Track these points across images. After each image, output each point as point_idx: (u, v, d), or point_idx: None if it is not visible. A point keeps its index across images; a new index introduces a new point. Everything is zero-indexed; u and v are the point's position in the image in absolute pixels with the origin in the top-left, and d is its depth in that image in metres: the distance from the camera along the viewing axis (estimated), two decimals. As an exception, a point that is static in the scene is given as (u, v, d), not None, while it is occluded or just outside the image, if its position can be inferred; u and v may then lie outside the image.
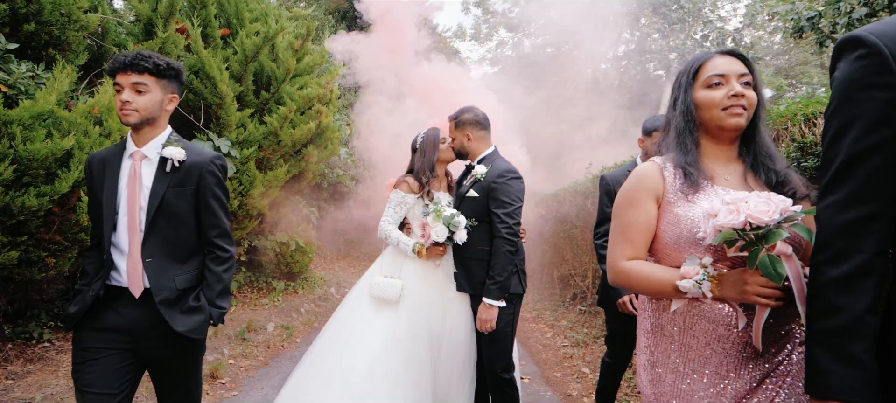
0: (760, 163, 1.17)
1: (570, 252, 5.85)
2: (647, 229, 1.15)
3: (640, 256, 1.16)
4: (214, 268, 1.58)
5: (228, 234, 1.62)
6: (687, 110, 1.17)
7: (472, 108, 2.26)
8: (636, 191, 1.17)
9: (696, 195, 1.10)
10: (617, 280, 1.18)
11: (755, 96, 1.13)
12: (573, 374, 3.61)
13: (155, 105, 1.50)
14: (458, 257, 2.20)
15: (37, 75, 2.72)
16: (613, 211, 1.21)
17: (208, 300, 1.57)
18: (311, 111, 4.92)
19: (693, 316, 1.09)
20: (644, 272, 1.13)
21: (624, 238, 1.17)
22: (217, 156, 1.61)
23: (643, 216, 1.15)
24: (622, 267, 1.16)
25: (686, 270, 1.06)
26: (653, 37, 15.13)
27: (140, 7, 3.54)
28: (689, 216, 1.08)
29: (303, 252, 5.55)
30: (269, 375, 3.47)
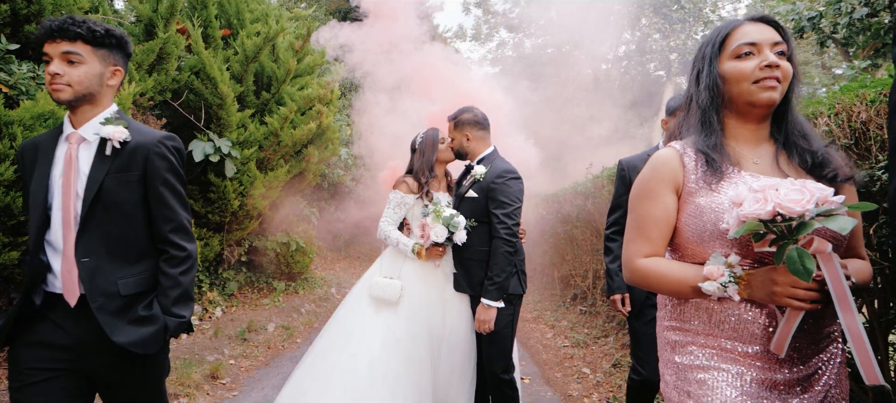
0: (793, 143, 1.03)
1: (570, 252, 5.85)
2: (665, 223, 1.03)
3: (658, 253, 1.05)
4: (169, 271, 1.33)
5: (185, 229, 1.37)
6: (712, 85, 1.02)
7: (471, 108, 2.26)
8: (653, 182, 1.05)
9: (720, 183, 0.97)
10: (633, 279, 1.07)
11: (790, 68, 0.99)
12: (574, 374, 3.60)
13: (92, 79, 1.27)
14: (458, 257, 2.20)
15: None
16: (629, 203, 1.10)
17: (163, 308, 1.32)
18: (312, 111, 4.92)
19: (720, 311, 0.98)
20: (662, 271, 1.02)
21: (640, 233, 1.05)
22: (168, 136, 1.36)
23: (661, 209, 1.03)
24: (638, 266, 1.05)
25: (710, 270, 0.94)
26: (653, 37, 15.12)
27: (141, 8, 3.55)
28: (713, 207, 0.96)
29: (303, 252, 5.55)
30: (270, 375, 3.48)
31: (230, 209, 4.27)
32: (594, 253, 5.07)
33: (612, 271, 2.09)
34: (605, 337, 4.21)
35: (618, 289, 2.08)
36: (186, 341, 3.71)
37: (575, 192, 5.55)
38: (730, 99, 1.03)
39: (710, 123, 1.03)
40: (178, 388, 2.94)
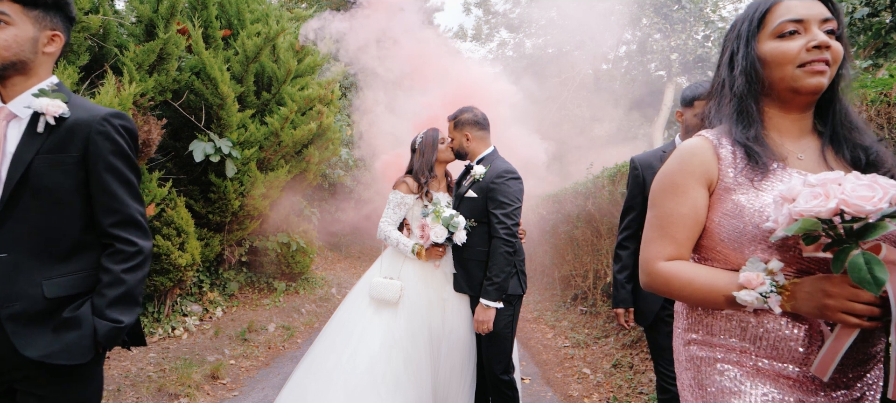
0: (842, 136, 0.91)
1: (571, 252, 5.84)
2: (693, 222, 0.91)
3: (683, 256, 0.92)
4: (111, 266, 1.12)
5: (136, 223, 1.16)
6: (750, 68, 0.90)
7: (470, 108, 2.26)
8: (681, 175, 0.92)
9: (764, 180, 0.85)
10: (652, 284, 0.94)
11: (841, 49, 0.86)
12: (574, 375, 3.60)
13: (23, 44, 1.08)
14: (458, 258, 2.19)
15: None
16: (650, 200, 0.98)
17: (96, 309, 1.11)
18: (312, 112, 4.92)
19: (757, 325, 0.86)
20: (688, 276, 0.89)
21: (663, 233, 0.93)
22: (116, 114, 1.15)
23: (689, 206, 0.90)
24: (660, 270, 0.92)
25: (747, 278, 0.81)
26: (654, 37, 15.11)
27: (141, 8, 3.55)
28: (756, 206, 0.84)
29: (304, 252, 5.56)
30: (270, 375, 3.48)
31: (230, 209, 4.28)
32: (595, 253, 5.06)
33: (619, 281, 1.96)
34: (605, 338, 4.21)
35: (622, 302, 1.96)
36: (187, 341, 3.72)
37: (575, 192, 5.54)
38: (770, 84, 0.90)
39: (749, 113, 0.90)
40: (179, 388, 2.94)
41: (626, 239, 1.97)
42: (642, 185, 1.88)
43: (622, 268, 1.96)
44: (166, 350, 3.47)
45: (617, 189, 4.14)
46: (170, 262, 3.64)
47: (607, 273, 4.73)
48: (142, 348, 3.41)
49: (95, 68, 3.40)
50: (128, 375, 3.01)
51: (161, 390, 2.89)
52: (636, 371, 3.39)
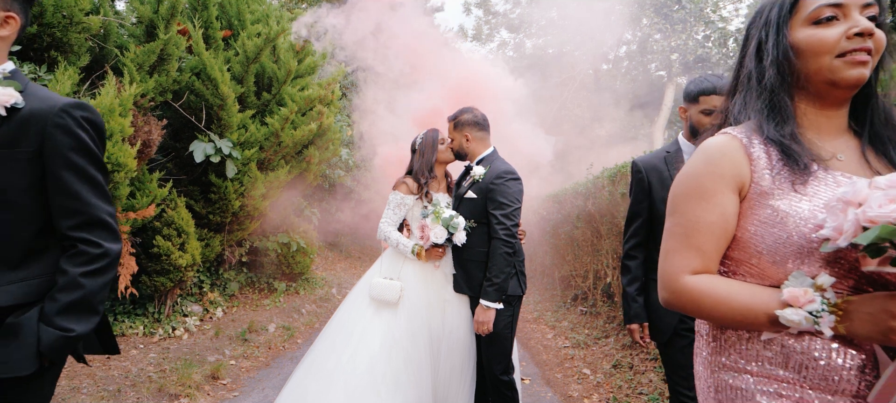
0: (884, 136, 0.83)
1: (571, 253, 5.84)
2: (722, 231, 0.81)
3: (711, 269, 0.83)
4: (69, 268, 1.00)
5: (102, 224, 1.03)
6: (782, 58, 0.81)
7: (470, 109, 2.26)
8: (708, 177, 0.82)
9: (807, 184, 0.76)
10: (677, 301, 0.83)
11: (884, 37, 0.78)
12: (574, 375, 3.60)
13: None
14: (458, 259, 2.20)
15: (39, 77, 2.73)
16: (670, 205, 0.88)
17: (45, 316, 0.98)
18: (313, 112, 4.92)
19: (803, 351, 0.75)
20: (722, 293, 0.78)
21: (687, 243, 0.83)
22: (77, 104, 1.02)
23: (717, 213, 0.81)
24: (687, 286, 0.81)
25: (793, 294, 0.72)
26: (654, 37, 15.10)
27: (142, 9, 3.56)
28: (802, 213, 0.75)
29: (304, 252, 5.56)
30: (270, 375, 3.48)
31: (231, 209, 4.28)
32: (594, 253, 5.06)
33: (630, 294, 1.80)
34: (605, 338, 4.21)
35: (636, 317, 1.79)
36: (187, 341, 3.72)
37: (575, 193, 5.54)
38: (805, 77, 0.81)
39: (782, 107, 0.81)
40: (179, 389, 2.94)
41: (633, 248, 1.83)
42: (647, 190, 1.78)
43: (632, 280, 1.81)
44: (166, 351, 3.48)
45: (617, 189, 4.14)
46: (170, 262, 3.65)
47: (607, 273, 4.73)
48: (142, 348, 3.42)
49: (96, 69, 3.41)
50: (128, 375, 3.01)
51: (161, 390, 2.90)
52: (636, 372, 3.39)
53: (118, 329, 3.54)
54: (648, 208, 1.78)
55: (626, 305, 1.82)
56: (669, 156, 1.77)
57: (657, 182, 1.76)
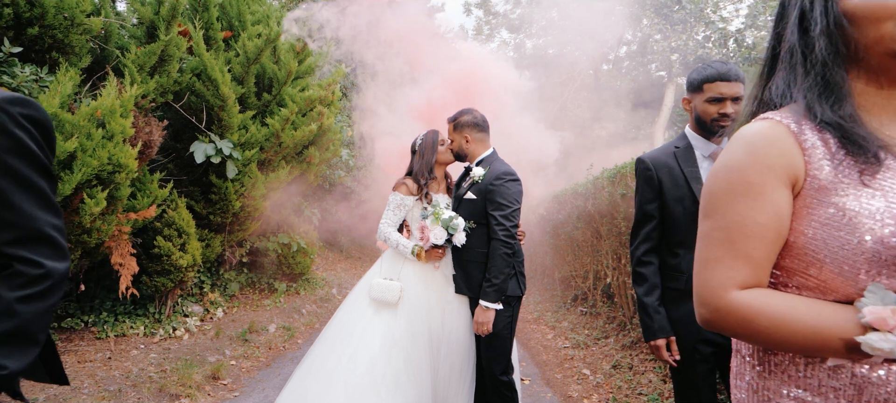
0: None
1: (570, 253, 5.85)
2: (776, 235, 0.68)
3: (761, 281, 0.69)
4: (2, 292, 0.84)
5: (46, 239, 0.88)
6: (834, 27, 0.68)
7: (470, 111, 2.27)
8: (755, 171, 0.68)
9: (876, 176, 0.64)
10: (722, 321, 0.69)
11: None
12: (574, 376, 3.61)
13: None
14: (457, 259, 2.21)
15: (40, 78, 2.74)
16: (708, 205, 0.74)
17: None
18: (313, 113, 4.93)
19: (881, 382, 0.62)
20: (781, 313, 0.65)
21: (733, 250, 0.69)
22: (14, 99, 0.86)
23: (769, 212, 0.67)
24: (734, 303, 0.67)
25: (878, 316, 0.59)
26: (654, 38, 15.11)
27: (142, 10, 3.57)
28: (875, 211, 0.62)
29: (304, 253, 5.57)
30: (271, 376, 3.49)
31: (231, 210, 4.29)
32: (594, 254, 5.07)
33: (650, 306, 1.58)
34: (605, 339, 4.21)
35: (661, 331, 1.56)
36: (188, 341, 3.73)
37: (575, 193, 5.55)
38: (862, 48, 0.68)
39: (838, 85, 0.69)
40: (180, 389, 2.95)
41: (647, 254, 1.64)
42: (658, 189, 1.62)
43: (650, 289, 1.60)
44: (167, 351, 3.48)
45: (616, 190, 4.15)
46: (171, 263, 3.66)
47: (607, 274, 4.74)
48: (143, 349, 3.42)
49: (97, 70, 3.42)
50: (129, 375, 3.02)
51: (162, 390, 2.91)
52: (636, 372, 3.40)
53: (119, 329, 3.55)
54: (660, 209, 1.63)
55: (647, 318, 1.58)
56: (680, 152, 1.63)
57: (669, 180, 1.61)
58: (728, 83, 1.56)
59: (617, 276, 4.48)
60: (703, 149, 1.62)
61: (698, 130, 1.64)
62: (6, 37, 2.71)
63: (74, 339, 3.33)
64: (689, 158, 1.61)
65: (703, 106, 1.59)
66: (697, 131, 1.65)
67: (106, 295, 3.73)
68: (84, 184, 2.68)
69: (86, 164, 2.61)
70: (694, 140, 1.65)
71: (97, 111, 2.76)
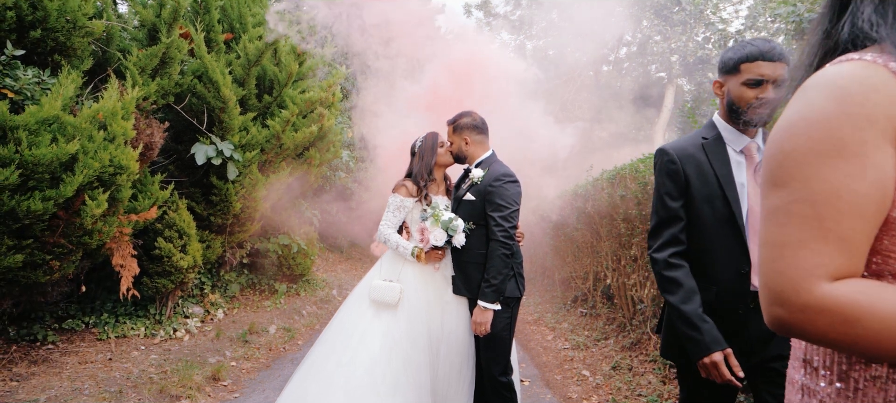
0: None
1: (570, 255, 5.86)
2: (878, 208, 0.53)
3: (857, 269, 0.54)
4: None
5: None
6: None
7: (469, 113, 2.29)
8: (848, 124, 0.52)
9: None
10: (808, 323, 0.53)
11: None
12: (573, 377, 3.61)
13: None
14: (456, 261, 2.22)
15: (43, 81, 2.76)
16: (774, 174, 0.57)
17: None
18: (313, 114, 4.95)
19: None
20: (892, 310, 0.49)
21: (821, 230, 0.53)
22: None
23: (870, 179, 0.52)
24: (828, 299, 0.52)
25: None
26: (654, 39, 15.13)
27: (144, 12, 3.59)
28: None
29: (304, 254, 5.58)
30: (271, 377, 3.50)
31: (232, 211, 4.31)
32: (594, 255, 5.07)
33: (692, 315, 1.31)
34: (605, 340, 4.22)
35: (715, 343, 1.28)
36: (188, 342, 3.74)
37: (575, 194, 5.55)
38: None
39: None
40: (180, 390, 2.96)
41: (675, 257, 1.41)
42: (684, 185, 1.41)
43: (688, 295, 1.34)
44: (168, 352, 3.50)
45: (616, 191, 4.16)
46: (171, 264, 3.67)
47: (607, 275, 4.74)
48: (143, 350, 3.44)
49: (99, 72, 3.44)
50: (129, 376, 3.03)
51: (162, 391, 2.92)
52: (635, 374, 3.40)
53: (120, 330, 3.56)
54: (686, 207, 1.42)
55: (691, 330, 1.31)
56: (709, 144, 1.42)
57: (696, 175, 1.41)
58: (771, 63, 1.29)
59: (617, 278, 4.48)
60: (734, 142, 1.41)
61: (730, 119, 1.41)
62: (9, 39, 2.73)
63: (75, 340, 3.34)
64: (719, 152, 1.41)
65: (739, 90, 1.35)
66: (729, 120, 1.42)
67: (107, 296, 3.74)
68: (85, 186, 2.70)
69: (87, 166, 2.62)
70: (725, 130, 1.43)
71: (99, 113, 2.77)
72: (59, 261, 2.81)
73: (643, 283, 4.00)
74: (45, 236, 2.67)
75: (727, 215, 1.37)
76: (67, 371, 2.94)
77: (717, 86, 1.45)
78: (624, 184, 4.03)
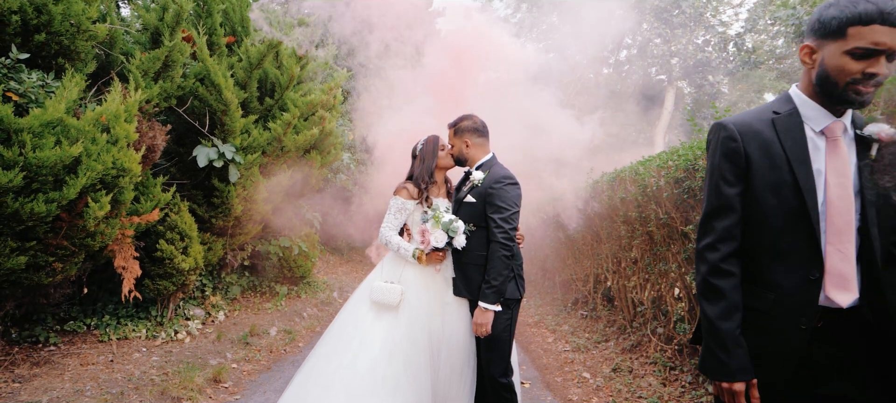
0: None
1: (571, 257, 5.86)
2: None
3: None
4: None
5: None
6: None
7: (470, 116, 2.31)
8: None
9: None
10: None
11: None
12: (574, 379, 3.61)
13: None
14: (457, 262, 2.23)
15: (47, 84, 2.78)
16: None
17: None
18: (314, 117, 4.97)
19: None
20: None
21: None
22: None
23: None
24: None
25: None
26: (654, 42, 15.17)
27: (147, 16, 3.62)
28: None
29: (305, 256, 5.59)
30: (272, 379, 3.50)
31: (233, 214, 4.32)
32: (594, 257, 5.08)
33: (728, 335, 1.14)
34: (605, 342, 4.22)
35: (741, 372, 1.13)
36: (189, 344, 3.75)
37: (576, 197, 5.56)
38: None
39: None
40: (181, 392, 2.97)
41: (726, 260, 1.17)
42: (744, 168, 1.16)
43: (729, 311, 1.15)
44: (169, 354, 3.50)
45: (616, 193, 4.17)
46: (173, 266, 3.68)
47: (607, 277, 4.74)
48: (145, 351, 3.44)
49: (102, 75, 3.46)
50: (131, 378, 3.04)
51: (164, 393, 2.92)
52: (636, 376, 3.41)
53: (121, 332, 3.57)
54: (745, 194, 1.18)
55: (721, 351, 1.14)
56: (781, 120, 1.16)
57: (762, 157, 1.15)
58: (891, 29, 1.02)
59: (617, 280, 4.49)
60: (815, 121, 1.15)
61: (817, 94, 1.15)
62: (14, 43, 2.75)
63: (77, 342, 3.35)
64: (793, 131, 1.15)
65: (840, 60, 1.07)
66: (815, 95, 1.15)
67: (108, 298, 3.76)
68: (88, 188, 2.71)
69: (90, 169, 2.64)
70: (805, 106, 1.17)
71: (102, 116, 2.79)
72: (61, 263, 2.83)
73: (643, 286, 4.01)
74: (48, 238, 2.69)
75: (797, 207, 1.12)
76: (69, 373, 2.95)
77: (805, 51, 1.14)
78: (624, 187, 4.04)
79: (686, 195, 2.99)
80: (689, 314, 3.31)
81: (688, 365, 3.20)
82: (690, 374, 3.11)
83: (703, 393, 2.86)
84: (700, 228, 1.25)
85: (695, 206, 2.97)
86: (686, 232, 3.08)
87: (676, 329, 3.39)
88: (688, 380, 3.06)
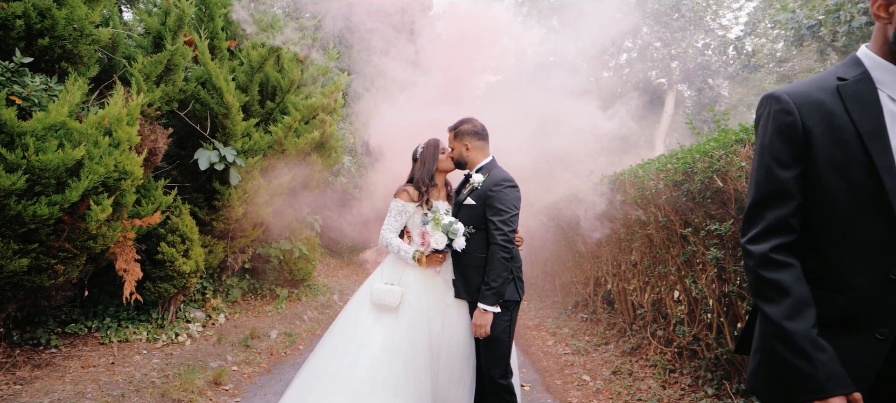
0: None
1: (571, 260, 5.87)
2: None
3: None
4: None
5: None
6: None
7: (470, 119, 2.33)
8: None
9: None
10: None
11: None
12: (574, 382, 3.61)
13: None
14: (457, 264, 2.25)
15: (50, 88, 2.81)
16: None
17: None
18: (315, 120, 4.99)
19: None
20: None
21: None
22: None
23: None
24: None
25: None
26: (654, 45, 15.21)
27: (149, 20, 3.65)
28: None
29: (306, 259, 5.60)
30: (272, 381, 3.51)
31: (234, 217, 4.34)
32: (594, 260, 5.08)
33: (804, 337, 0.92)
34: (605, 345, 4.22)
35: (833, 383, 0.89)
36: (190, 347, 3.76)
37: (575, 199, 5.58)
38: None
39: None
40: (181, 394, 2.98)
41: (780, 251, 0.98)
42: (804, 144, 0.97)
43: (797, 307, 0.94)
44: (170, 356, 3.51)
45: (616, 196, 4.18)
46: (174, 269, 3.69)
47: (607, 280, 4.75)
48: (146, 354, 3.45)
49: (104, 79, 3.49)
50: (132, 380, 3.04)
51: (164, 395, 2.93)
52: (635, 378, 3.41)
53: (122, 334, 3.58)
54: (803, 177, 0.98)
55: (800, 359, 0.91)
56: (848, 88, 0.96)
57: (824, 132, 0.96)
58: None
59: (617, 283, 4.49)
60: (893, 87, 0.94)
61: (895, 54, 0.95)
62: (17, 47, 2.78)
63: (78, 344, 3.36)
64: (866, 99, 0.94)
65: None
66: (892, 55, 0.95)
67: (110, 300, 3.77)
68: (91, 191, 2.73)
69: (93, 172, 2.66)
70: (878, 69, 0.96)
71: (104, 119, 2.81)
72: (63, 266, 2.84)
73: (643, 288, 4.01)
74: (50, 240, 2.70)
75: (872, 191, 0.92)
76: (70, 375, 2.95)
77: (880, 4, 0.94)
78: (623, 189, 4.05)
79: (685, 198, 3.00)
80: (689, 317, 3.32)
81: (687, 368, 3.20)
82: (690, 377, 3.11)
83: (702, 396, 2.86)
84: (745, 218, 1.03)
85: (694, 209, 2.98)
86: (685, 235, 3.09)
87: (676, 331, 3.39)
88: (687, 383, 3.06)
